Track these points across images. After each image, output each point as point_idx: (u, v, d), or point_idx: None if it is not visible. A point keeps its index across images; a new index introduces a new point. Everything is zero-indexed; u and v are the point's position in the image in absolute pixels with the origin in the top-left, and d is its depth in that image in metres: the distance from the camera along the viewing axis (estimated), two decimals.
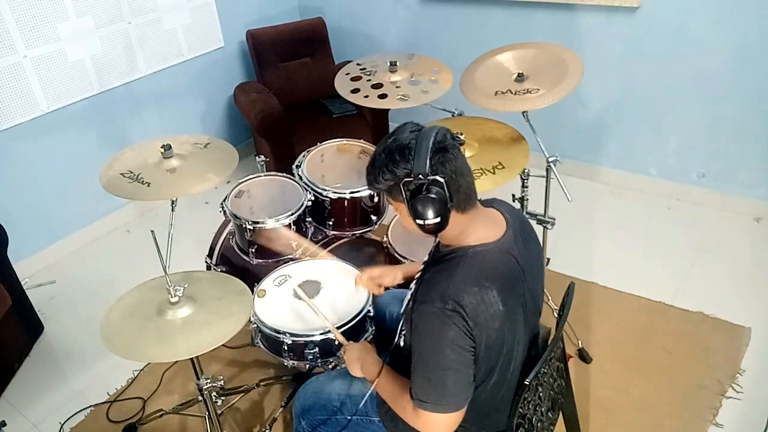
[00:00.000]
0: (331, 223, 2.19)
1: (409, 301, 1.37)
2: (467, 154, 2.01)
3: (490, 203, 1.39)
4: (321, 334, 1.79)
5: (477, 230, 1.27)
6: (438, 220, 1.20)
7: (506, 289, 1.23)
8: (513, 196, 2.18)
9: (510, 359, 1.29)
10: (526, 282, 1.30)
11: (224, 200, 2.19)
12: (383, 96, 2.17)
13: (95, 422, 2.26)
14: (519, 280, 1.28)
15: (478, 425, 1.39)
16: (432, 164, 1.18)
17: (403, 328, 1.44)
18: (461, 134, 1.32)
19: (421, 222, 1.21)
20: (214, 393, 1.79)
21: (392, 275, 1.79)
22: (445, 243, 1.33)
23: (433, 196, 1.18)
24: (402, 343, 1.46)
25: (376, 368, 1.43)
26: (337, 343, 1.80)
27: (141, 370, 2.45)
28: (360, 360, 1.50)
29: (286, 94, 3.57)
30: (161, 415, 2.17)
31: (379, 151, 1.25)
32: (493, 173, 1.96)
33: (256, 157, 2.39)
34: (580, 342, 2.34)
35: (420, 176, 1.17)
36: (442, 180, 1.18)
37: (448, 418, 1.23)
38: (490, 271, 1.23)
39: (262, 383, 2.24)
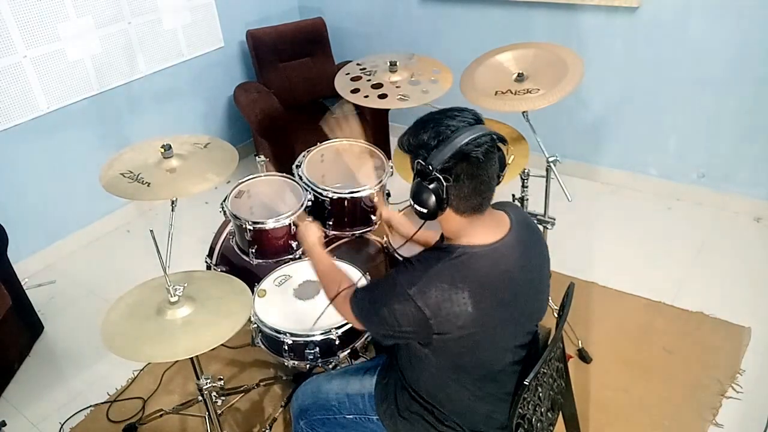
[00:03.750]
0: (331, 223, 2.19)
1: None
2: None
3: (502, 206, 1.38)
4: (321, 334, 1.79)
5: (473, 233, 1.27)
6: (425, 211, 1.24)
7: (483, 292, 1.23)
8: (513, 196, 2.19)
9: (489, 359, 1.30)
10: (519, 287, 1.29)
11: (224, 200, 2.19)
12: (383, 96, 2.17)
13: (95, 422, 2.26)
14: (506, 285, 1.27)
15: (468, 421, 1.40)
16: (445, 164, 1.18)
17: None
18: (506, 145, 1.28)
19: (413, 202, 1.26)
20: (214, 393, 1.79)
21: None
22: (445, 236, 1.34)
23: (430, 187, 1.21)
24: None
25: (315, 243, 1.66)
26: (338, 342, 1.80)
27: (141, 370, 2.45)
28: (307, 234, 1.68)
29: (286, 94, 3.57)
30: (161, 415, 2.17)
31: (428, 119, 1.25)
32: None
33: (256, 157, 2.39)
34: (580, 342, 2.34)
35: (429, 166, 1.19)
36: (444, 183, 1.19)
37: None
38: (468, 273, 1.23)
39: (262, 383, 2.25)
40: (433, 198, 1.21)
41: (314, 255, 1.63)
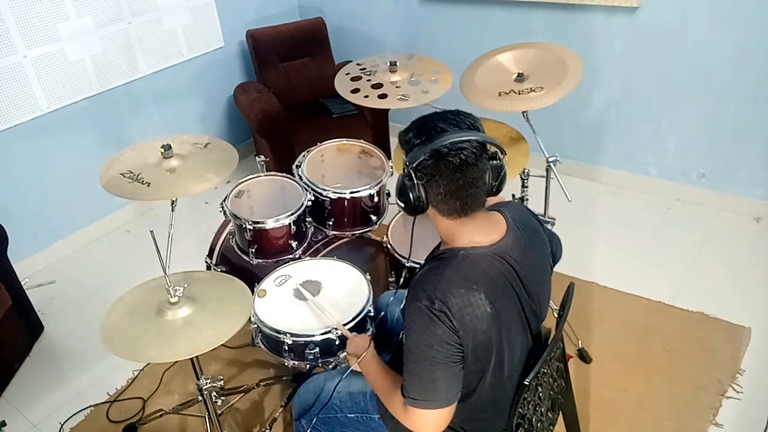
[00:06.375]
0: (331, 223, 2.19)
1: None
2: None
3: (500, 207, 1.37)
4: (321, 334, 1.79)
5: (469, 234, 1.27)
6: (403, 205, 1.27)
7: (495, 292, 1.22)
8: (513, 195, 2.18)
9: (502, 361, 1.28)
10: (523, 286, 1.29)
11: (224, 200, 2.19)
12: (383, 96, 2.17)
13: (95, 422, 2.26)
14: (511, 284, 1.26)
15: (476, 427, 1.39)
16: (421, 163, 1.20)
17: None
18: (499, 153, 1.27)
19: (395, 195, 1.29)
20: (214, 393, 1.80)
21: None
22: (443, 241, 1.33)
23: (406, 183, 1.24)
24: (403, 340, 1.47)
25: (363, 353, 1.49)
26: (338, 342, 1.80)
27: (141, 370, 2.45)
28: (355, 349, 1.53)
29: (286, 94, 3.57)
30: (161, 415, 2.17)
31: (423, 118, 1.27)
32: None
33: (256, 157, 2.39)
34: (580, 342, 2.34)
35: (407, 162, 1.23)
36: (415, 180, 1.22)
37: (439, 414, 1.23)
38: (478, 274, 1.22)
39: (262, 383, 2.25)
40: (409, 194, 1.24)
41: (363, 372, 1.50)
